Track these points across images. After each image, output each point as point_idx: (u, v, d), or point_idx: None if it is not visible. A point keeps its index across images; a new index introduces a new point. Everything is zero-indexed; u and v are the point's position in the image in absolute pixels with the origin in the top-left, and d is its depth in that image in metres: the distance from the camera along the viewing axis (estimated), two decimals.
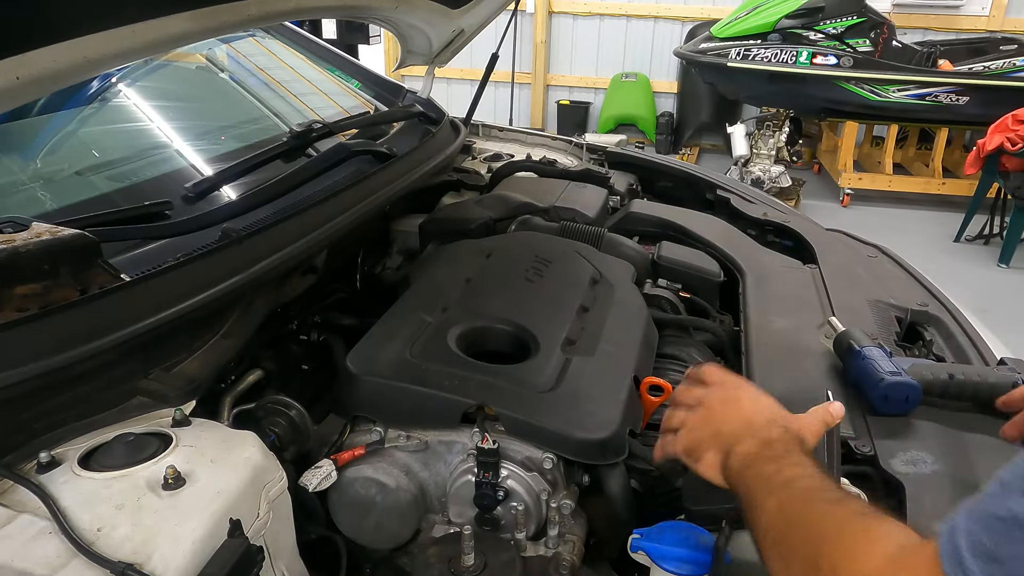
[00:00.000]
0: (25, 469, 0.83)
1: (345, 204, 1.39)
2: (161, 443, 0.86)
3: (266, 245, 1.18)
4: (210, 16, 1.11)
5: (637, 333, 1.27)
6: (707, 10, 7.03)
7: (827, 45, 5.43)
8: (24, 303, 0.91)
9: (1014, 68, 5.43)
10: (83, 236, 0.97)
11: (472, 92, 2.24)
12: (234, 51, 2.10)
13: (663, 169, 2.31)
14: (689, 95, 7.27)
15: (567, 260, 1.47)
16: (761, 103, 6.16)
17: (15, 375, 0.82)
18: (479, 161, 2.24)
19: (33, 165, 1.42)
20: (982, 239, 5.27)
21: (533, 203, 1.78)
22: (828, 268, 1.65)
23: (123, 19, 0.95)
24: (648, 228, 1.82)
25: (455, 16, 1.81)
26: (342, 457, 1.04)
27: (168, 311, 0.98)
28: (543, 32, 7.52)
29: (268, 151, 1.50)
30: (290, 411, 1.08)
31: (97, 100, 1.62)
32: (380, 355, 1.12)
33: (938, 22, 6.68)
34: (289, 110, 2.00)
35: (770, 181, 5.65)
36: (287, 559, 0.91)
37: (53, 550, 0.73)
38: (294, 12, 1.42)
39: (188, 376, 1.01)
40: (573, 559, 1.01)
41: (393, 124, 2.01)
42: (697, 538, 0.90)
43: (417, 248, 1.74)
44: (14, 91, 0.87)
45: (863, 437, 1.07)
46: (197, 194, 1.33)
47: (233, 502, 0.80)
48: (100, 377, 0.92)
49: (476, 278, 1.38)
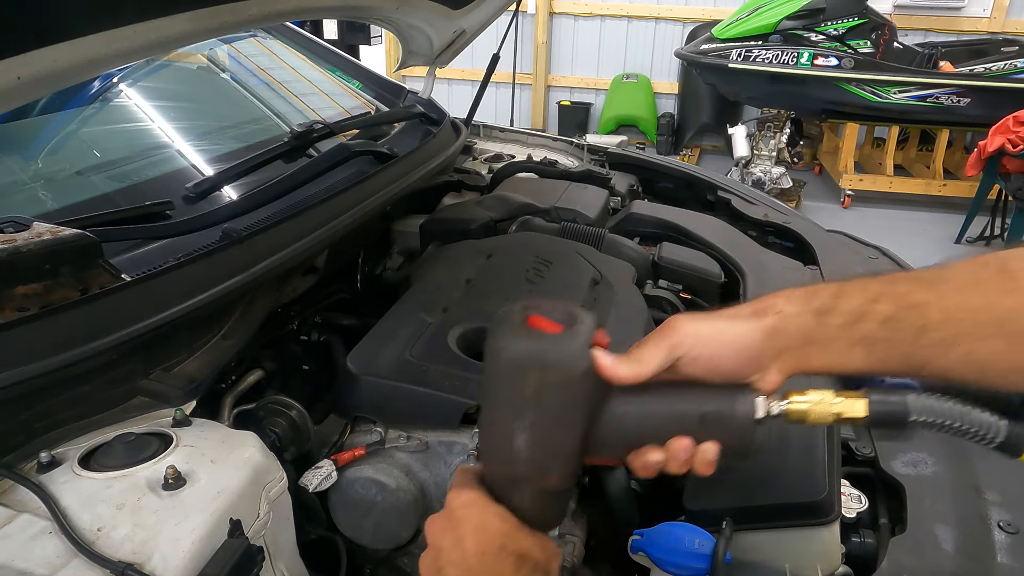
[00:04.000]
0: (25, 469, 0.83)
1: (346, 204, 1.39)
2: (161, 443, 0.86)
3: (267, 245, 1.18)
4: (211, 16, 1.10)
5: (638, 334, 1.27)
6: (708, 11, 7.03)
7: (828, 46, 5.43)
8: (25, 303, 0.91)
9: (1015, 70, 5.43)
10: (84, 236, 0.97)
11: (473, 93, 2.24)
12: (235, 51, 2.10)
13: (664, 170, 2.31)
14: (690, 96, 7.28)
15: (568, 261, 1.47)
16: (762, 104, 6.17)
17: (15, 375, 0.82)
18: (480, 162, 2.24)
19: (34, 165, 1.42)
20: (983, 241, 5.26)
21: (534, 204, 1.78)
22: (829, 269, 1.65)
23: (124, 19, 0.95)
24: (649, 229, 1.81)
25: (456, 17, 1.81)
26: (342, 457, 1.04)
27: (169, 311, 0.98)
28: (544, 33, 7.53)
29: (269, 151, 1.50)
30: (290, 411, 1.08)
31: (98, 100, 1.63)
32: (381, 355, 1.12)
33: (939, 23, 6.68)
34: (290, 110, 2.00)
35: (771, 182, 5.65)
36: (287, 559, 0.91)
37: (53, 550, 0.73)
38: (295, 12, 1.42)
39: (188, 376, 1.01)
40: (573, 560, 1.01)
41: (394, 125, 2.01)
42: (697, 539, 0.90)
43: (418, 248, 1.74)
44: (15, 91, 0.87)
45: (864, 439, 1.07)
46: (198, 194, 1.33)
47: (233, 502, 0.80)
48: (100, 377, 0.92)
49: (477, 279, 1.38)
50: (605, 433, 0.67)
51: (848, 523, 0.95)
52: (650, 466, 0.67)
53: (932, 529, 0.93)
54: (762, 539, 0.91)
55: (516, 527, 0.67)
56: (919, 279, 0.67)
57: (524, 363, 0.63)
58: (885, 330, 0.65)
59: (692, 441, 0.66)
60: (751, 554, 0.90)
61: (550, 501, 0.69)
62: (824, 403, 0.66)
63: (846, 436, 1.05)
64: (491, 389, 0.66)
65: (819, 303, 0.67)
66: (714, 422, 0.66)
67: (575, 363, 0.63)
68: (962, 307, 0.64)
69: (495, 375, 0.65)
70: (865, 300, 0.66)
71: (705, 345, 0.68)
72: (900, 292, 0.66)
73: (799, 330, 0.67)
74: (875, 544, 0.94)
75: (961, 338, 0.63)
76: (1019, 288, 0.63)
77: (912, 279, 0.68)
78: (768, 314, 0.68)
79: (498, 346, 0.64)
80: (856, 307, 0.66)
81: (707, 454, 0.66)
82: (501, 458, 0.67)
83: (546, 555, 0.68)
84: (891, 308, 0.65)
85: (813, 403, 0.66)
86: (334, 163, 1.57)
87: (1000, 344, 0.63)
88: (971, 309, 0.63)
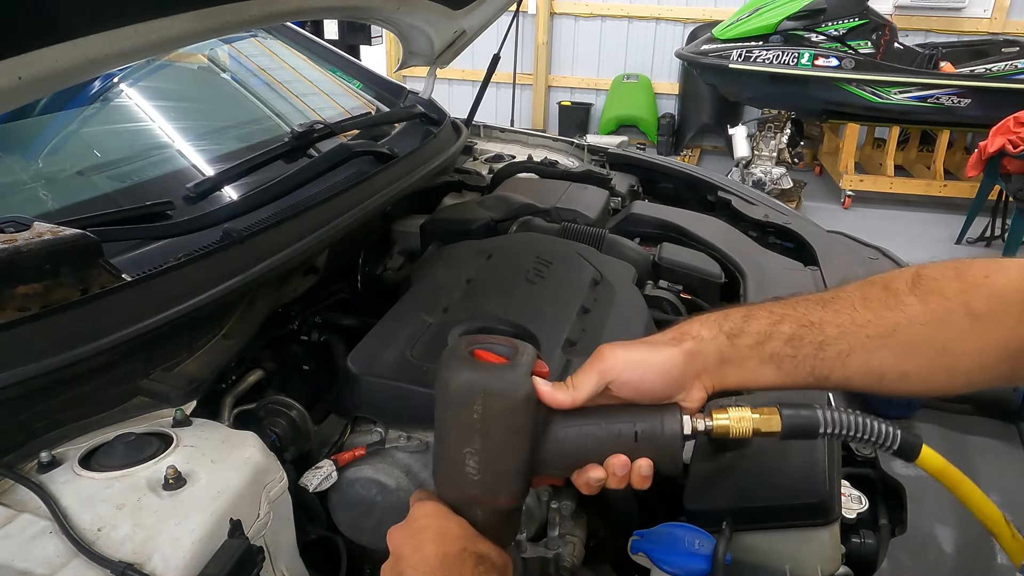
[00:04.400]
0: (25, 469, 0.83)
1: (346, 205, 1.39)
2: (162, 443, 0.86)
3: (267, 245, 1.18)
4: (212, 17, 1.11)
5: (638, 334, 1.27)
6: (709, 11, 7.04)
7: (829, 47, 5.43)
8: (25, 303, 0.91)
9: (1016, 70, 5.43)
10: (84, 236, 0.97)
11: (473, 93, 2.24)
12: (236, 51, 2.11)
13: (664, 170, 2.31)
14: (690, 96, 7.28)
15: (568, 261, 1.47)
16: (762, 105, 6.17)
17: (15, 375, 0.82)
18: (480, 162, 2.24)
19: (35, 165, 1.42)
20: (984, 241, 5.26)
21: (534, 204, 1.78)
22: (829, 270, 1.65)
23: (125, 19, 0.95)
24: (649, 229, 1.81)
25: (457, 17, 1.81)
26: (342, 457, 1.04)
27: (169, 311, 0.98)
28: (545, 33, 7.53)
29: (269, 151, 1.50)
30: (291, 411, 1.08)
31: (99, 100, 1.63)
32: (381, 355, 1.12)
33: (940, 24, 6.68)
34: (291, 110, 2.00)
35: (771, 183, 5.65)
36: (287, 559, 0.91)
37: (53, 550, 0.73)
38: (296, 13, 1.42)
39: (189, 376, 1.01)
40: (573, 560, 1.01)
41: (394, 125, 2.02)
42: (697, 539, 0.90)
43: (418, 249, 1.74)
44: (16, 91, 0.87)
45: None
46: (198, 194, 1.33)
47: (233, 502, 0.80)
48: (101, 377, 0.92)
49: (477, 279, 1.38)
50: (549, 454, 0.73)
51: (848, 524, 0.95)
52: (592, 483, 0.74)
53: (932, 530, 0.93)
54: (762, 540, 0.91)
55: (475, 534, 0.73)
56: (817, 300, 0.75)
57: (470, 392, 0.70)
58: (789, 347, 0.73)
59: (628, 458, 0.72)
60: (751, 554, 0.90)
61: (503, 518, 0.76)
62: (744, 419, 0.73)
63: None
64: (441, 417, 0.72)
65: (731, 326, 0.75)
66: (646, 440, 0.72)
67: (517, 391, 0.70)
68: (853, 323, 0.72)
69: (445, 405, 0.72)
70: (771, 322, 0.74)
71: (632, 370, 0.74)
72: (800, 312, 0.74)
73: (715, 351, 0.74)
74: (875, 545, 0.94)
75: (855, 350, 0.71)
76: (900, 304, 0.71)
77: (811, 300, 0.75)
78: (686, 339, 0.75)
79: (446, 378, 0.71)
80: (763, 328, 0.73)
81: (642, 469, 0.72)
82: (454, 481, 0.73)
83: (503, 560, 0.74)
84: (793, 327, 0.73)
85: (734, 419, 0.73)
86: (334, 163, 1.57)
87: (889, 354, 0.71)
88: (861, 324, 0.71)
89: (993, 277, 0.70)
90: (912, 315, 0.71)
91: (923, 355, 0.71)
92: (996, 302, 0.69)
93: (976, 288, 0.70)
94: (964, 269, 0.72)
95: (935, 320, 0.70)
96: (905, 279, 0.73)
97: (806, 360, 0.72)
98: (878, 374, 0.72)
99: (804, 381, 0.74)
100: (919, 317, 0.70)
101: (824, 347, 0.72)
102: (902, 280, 0.73)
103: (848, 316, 0.72)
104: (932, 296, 0.71)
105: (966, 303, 0.69)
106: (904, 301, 0.71)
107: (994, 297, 0.69)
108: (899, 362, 0.72)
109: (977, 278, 0.70)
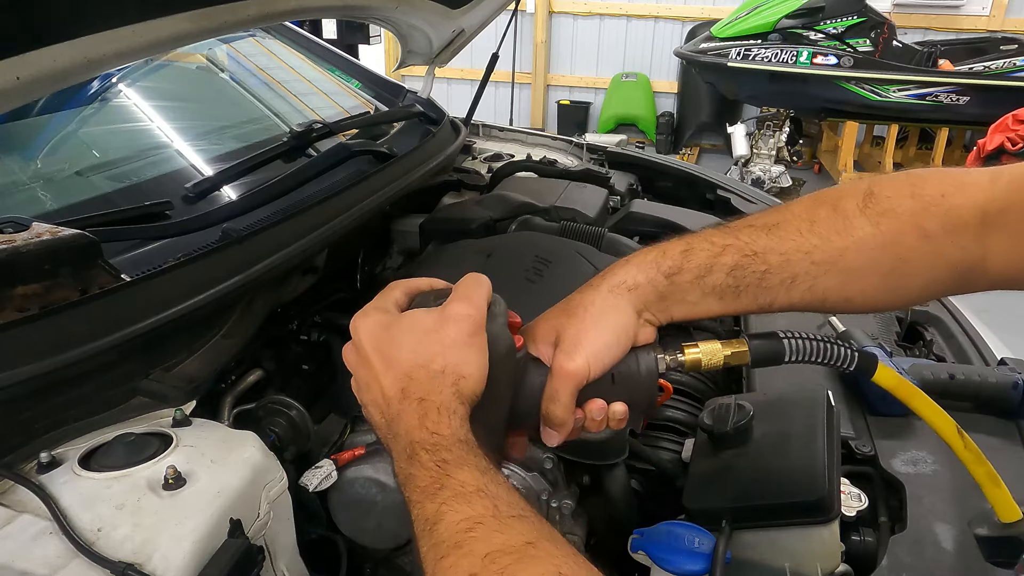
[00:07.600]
0: (25, 469, 0.83)
1: (345, 204, 1.39)
2: (161, 443, 0.86)
3: (266, 245, 1.18)
4: (210, 16, 1.11)
5: None
6: (707, 10, 7.04)
7: (827, 45, 5.44)
8: (25, 303, 0.91)
9: (1014, 68, 5.43)
10: (83, 236, 0.97)
11: (472, 92, 2.24)
12: (234, 51, 2.10)
13: (663, 169, 2.31)
14: (689, 95, 7.28)
15: (567, 260, 1.47)
16: (761, 103, 6.17)
17: (15, 375, 0.82)
18: (479, 161, 2.24)
19: (33, 165, 1.42)
20: None
21: (533, 203, 1.78)
22: None
23: (123, 19, 0.95)
24: (648, 228, 1.81)
25: (455, 16, 1.81)
26: (342, 457, 1.04)
27: (168, 311, 0.98)
28: (543, 32, 7.53)
29: (268, 151, 1.50)
30: (290, 411, 1.08)
31: (97, 100, 1.62)
32: None
33: (938, 22, 6.68)
34: (289, 110, 2.00)
35: (770, 181, 5.66)
36: (287, 559, 0.91)
37: (53, 550, 0.73)
38: (294, 12, 1.42)
39: (188, 376, 1.01)
40: None
41: (393, 124, 2.01)
42: (697, 538, 0.90)
43: (417, 248, 1.74)
44: (14, 91, 0.87)
45: (863, 437, 1.07)
46: (197, 194, 1.33)
47: (233, 502, 0.80)
48: (100, 377, 0.92)
49: None
50: (528, 404, 0.73)
51: (848, 521, 0.95)
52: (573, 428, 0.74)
53: (932, 527, 0.93)
54: (762, 538, 0.91)
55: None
56: (762, 226, 0.73)
57: None
58: (731, 279, 0.72)
59: (604, 402, 0.73)
60: (751, 553, 0.91)
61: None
62: (715, 351, 0.74)
63: (846, 435, 1.05)
64: None
65: (669, 264, 0.73)
66: (623, 381, 0.73)
67: (498, 345, 0.69)
68: (799, 249, 0.70)
69: None
70: (712, 254, 0.72)
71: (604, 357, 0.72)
72: (743, 242, 0.72)
73: (654, 292, 0.73)
74: (875, 542, 0.94)
75: (799, 277, 0.70)
76: (849, 227, 0.70)
77: (755, 227, 0.74)
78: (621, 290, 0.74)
79: None
80: (703, 261, 0.72)
81: (617, 412, 0.74)
82: None
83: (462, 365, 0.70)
84: (735, 258, 0.72)
85: (705, 353, 0.74)
86: (333, 163, 1.57)
87: (834, 279, 0.70)
88: (806, 251, 0.70)
89: (949, 197, 0.67)
90: (861, 239, 0.69)
91: (870, 278, 0.70)
92: (952, 222, 0.67)
93: (931, 207, 0.68)
94: (919, 185, 0.69)
95: (885, 243, 0.68)
96: (856, 198, 0.71)
97: (748, 289, 0.72)
98: (821, 298, 0.72)
99: (747, 308, 0.74)
100: (869, 241, 0.69)
101: (767, 276, 0.71)
102: (853, 199, 0.71)
103: (793, 243, 0.71)
104: (884, 217, 0.69)
105: (920, 224, 0.67)
106: (854, 224, 0.69)
107: (950, 217, 0.67)
108: (844, 287, 0.71)
109: (933, 197, 0.68)
